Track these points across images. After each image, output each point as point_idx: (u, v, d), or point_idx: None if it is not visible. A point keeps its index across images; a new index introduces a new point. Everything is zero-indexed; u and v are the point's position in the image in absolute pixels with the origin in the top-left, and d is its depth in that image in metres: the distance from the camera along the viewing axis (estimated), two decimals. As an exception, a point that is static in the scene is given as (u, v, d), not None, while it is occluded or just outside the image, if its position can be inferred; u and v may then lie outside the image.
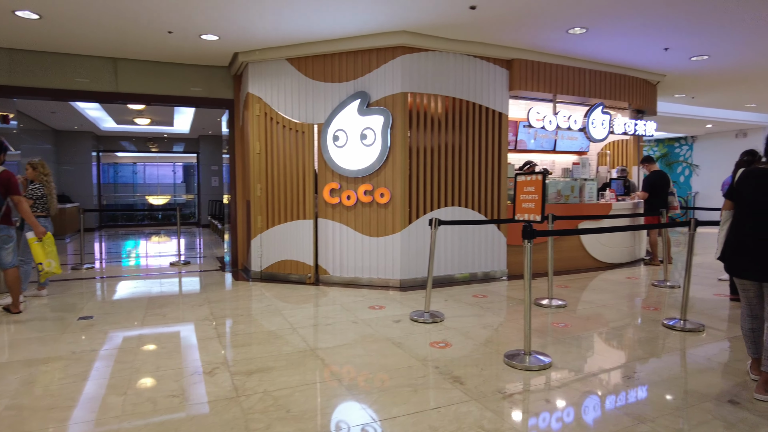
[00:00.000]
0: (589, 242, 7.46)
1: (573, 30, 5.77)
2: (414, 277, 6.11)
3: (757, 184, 3.02)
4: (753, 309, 3.17)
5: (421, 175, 6.13)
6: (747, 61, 7.27)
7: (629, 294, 5.83)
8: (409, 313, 4.83)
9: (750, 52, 6.79)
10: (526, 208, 4.08)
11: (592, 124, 7.36)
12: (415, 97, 6.04)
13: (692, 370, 3.43)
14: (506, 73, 6.66)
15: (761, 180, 3.01)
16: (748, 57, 7.06)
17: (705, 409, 2.79)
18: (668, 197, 7.63)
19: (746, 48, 6.61)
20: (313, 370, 3.40)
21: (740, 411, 2.77)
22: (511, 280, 6.59)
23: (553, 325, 4.50)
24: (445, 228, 6.24)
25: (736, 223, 3.15)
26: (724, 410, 2.79)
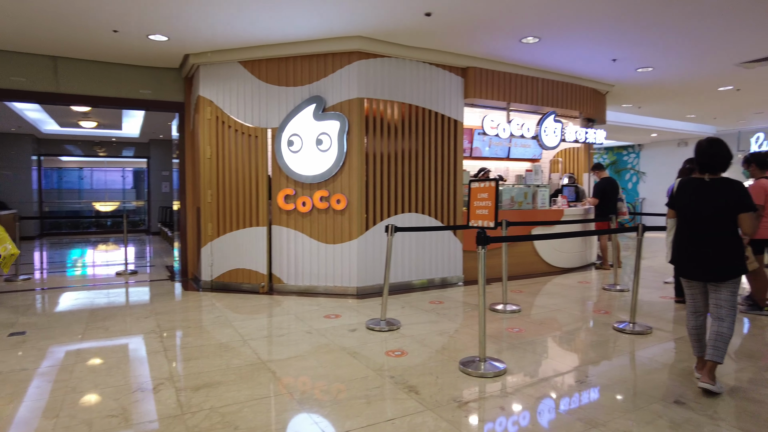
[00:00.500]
0: (542, 247, 7.61)
1: (526, 39, 5.88)
2: (371, 285, 6.05)
3: (692, 194, 3.26)
4: (697, 307, 3.36)
5: (377, 181, 6.09)
6: (688, 74, 7.63)
7: (581, 298, 5.96)
8: (366, 321, 4.76)
9: (691, 65, 7.12)
10: (480, 215, 4.09)
11: (545, 132, 7.53)
12: (371, 102, 6.00)
13: (641, 372, 3.50)
14: (461, 80, 6.72)
15: (695, 189, 3.25)
16: (689, 70, 7.41)
17: (653, 411, 2.85)
18: (617, 203, 7.89)
19: (687, 62, 6.93)
20: (264, 384, 3.27)
21: (686, 411, 2.84)
22: (467, 285, 6.63)
23: (507, 330, 4.53)
24: (402, 234, 6.21)
25: (679, 229, 3.38)
26: (671, 411, 2.85)
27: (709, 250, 3.16)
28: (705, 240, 3.18)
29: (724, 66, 7.18)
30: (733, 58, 6.81)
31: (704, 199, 3.19)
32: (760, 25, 5.48)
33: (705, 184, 3.22)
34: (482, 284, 3.47)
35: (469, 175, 7.33)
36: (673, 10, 5.03)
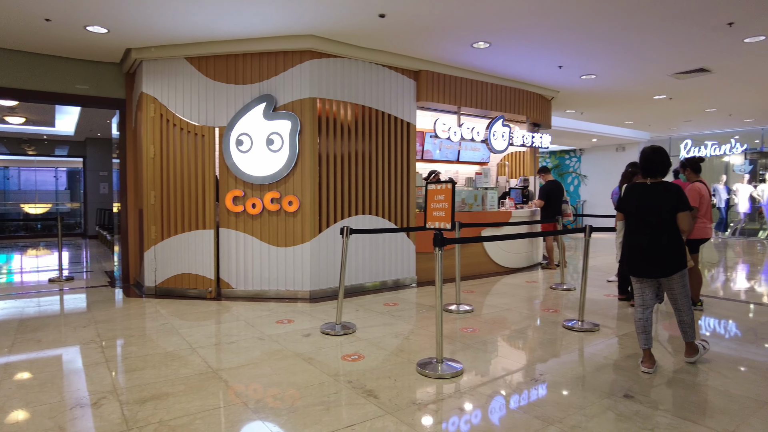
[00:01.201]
0: (492, 248, 7.77)
1: (477, 44, 5.99)
2: (324, 288, 5.95)
3: (637, 197, 3.56)
4: (645, 301, 3.63)
5: (331, 182, 6.00)
6: (627, 82, 8.02)
7: (530, 297, 6.12)
8: (320, 325, 4.67)
9: (630, 74, 7.49)
10: (437, 216, 4.11)
11: (494, 136, 7.70)
12: (324, 103, 5.92)
13: (590, 368, 3.62)
14: (414, 83, 6.76)
15: (640, 194, 3.55)
16: (628, 79, 7.79)
17: (604, 405, 2.94)
18: (562, 205, 8.18)
19: (627, 71, 7.28)
20: (216, 394, 3.12)
21: (634, 404, 2.95)
22: (420, 286, 6.65)
23: (462, 331, 4.57)
24: (355, 237, 6.16)
25: (627, 231, 3.65)
26: (620, 404, 2.95)
27: (657, 249, 3.44)
28: (652, 239, 3.45)
29: (659, 76, 7.60)
30: (667, 70, 7.23)
31: (648, 201, 3.49)
32: (691, 41, 5.83)
33: (648, 188, 3.53)
34: (439, 285, 3.47)
35: (422, 177, 7.38)
36: (615, 23, 5.26)
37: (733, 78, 7.74)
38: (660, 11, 4.96)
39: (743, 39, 5.82)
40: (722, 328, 4.71)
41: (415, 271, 6.81)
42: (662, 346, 4.14)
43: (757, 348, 4.07)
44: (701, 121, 12.26)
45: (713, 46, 6.09)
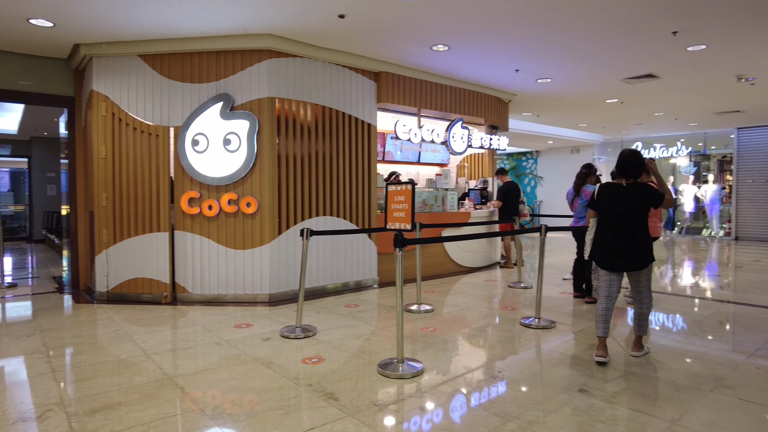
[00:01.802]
0: (451, 248, 7.87)
1: (436, 47, 6.05)
2: (284, 291, 5.88)
3: (612, 196, 3.75)
4: (611, 293, 3.80)
5: (290, 183, 5.94)
6: (581, 86, 8.29)
7: (489, 296, 6.23)
8: (280, 329, 4.60)
9: (584, 78, 7.74)
10: (397, 217, 4.13)
11: (453, 138, 7.80)
12: (283, 102, 5.85)
13: (547, 364, 3.71)
14: (374, 85, 6.77)
15: (614, 193, 3.75)
16: (582, 83, 8.06)
17: (561, 400, 3.02)
18: (519, 206, 8.36)
19: (581, 75, 7.53)
20: (171, 401, 3.03)
21: (589, 398, 3.05)
22: (382, 287, 6.66)
23: (422, 330, 4.60)
24: (316, 238, 6.11)
25: (599, 227, 3.86)
26: (576, 399, 3.04)
27: (629, 244, 3.66)
28: (625, 235, 3.67)
29: (611, 81, 7.90)
30: (618, 75, 7.51)
31: (623, 200, 3.68)
32: (639, 48, 6.08)
33: (623, 188, 3.72)
34: (400, 286, 3.49)
35: (383, 178, 7.40)
36: (568, 30, 5.43)
37: (678, 84, 8.12)
38: (610, 19, 5.15)
39: (686, 47, 6.11)
40: (670, 322, 4.93)
41: (377, 272, 6.82)
42: (615, 341, 4.29)
43: (700, 340, 4.28)
44: (650, 124, 12.81)
45: (660, 53, 6.37)
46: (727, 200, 13.97)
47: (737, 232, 13.23)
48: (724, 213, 13.96)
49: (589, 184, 5.73)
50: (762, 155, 12.83)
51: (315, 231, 4.61)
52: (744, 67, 7.15)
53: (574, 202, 5.87)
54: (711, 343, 4.21)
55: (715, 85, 8.28)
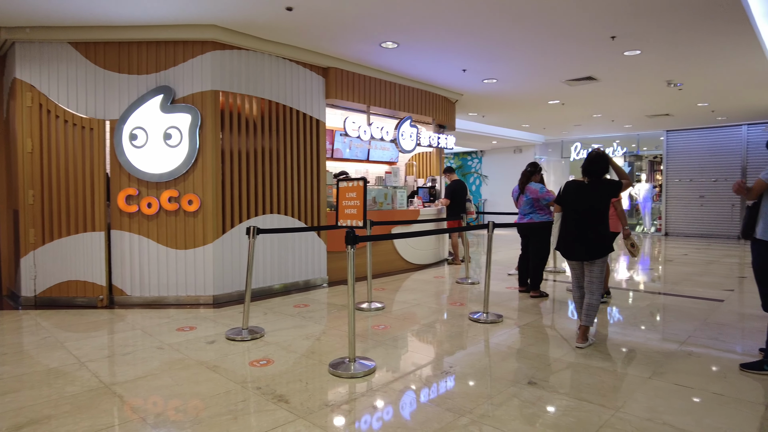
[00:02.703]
0: (401, 245, 7.90)
1: (386, 44, 6.04)
2: (229, 292, 5.69)
3: (577, 193, 4.11)
4: (579, 281, 4.22)
5: (235, 180, 5.75)
6: (524, 87, 8.53)
7: (438, 292, 6.29)
8: (225, 331, 4.44)
9: (527, 80, 7.97)
10: (349, 214, 4.08)
11: (402, 136, 7.83)
12: (227, 96, 5.65)
13: (496, 358, 3.78)
14: (323, 80, 6.68)
15: (578, 189, 4.12)
16: (526, 84, 8.29)
17: (510, 393, 3.08)
18: (466, 204, 8.51)
19: (524, 76, 7.75)
20: (109, 411, 2.84)
21: (537, 390, 3.12)
22: (332, 286, 6.59)
23: (373, 328, 4.58)
24: (263, 237, 5.95)
25: (564, 221, 4.20)
26: (525, 391, 3.10)
27: (590, 235, 4.01)
28: (587, 227, 4.02)
29: (553, 82, 8.18)
30: (560, 76, 7.79)
31: (587, 196, 4.05)
32: (580, 51, 6.33)
33: (586, 186, 4.10)
34: (351, 284, 3.44)
35: (332, 175, 7.31)
36: (512, 33, 5.56)
37: (615, 87, 8.52)
38: (554, 23, 5.32)
39: (623, 52, 6.42)
40: (609, 314, 5.16)
41: (327, 271, 6.73)
42: (558, 333, 4.43)
43: (636, 330, 4.50)
44: (589, 125, 13.40)
45: (599, 56, 6.65)
46: (657, 198, 14.86)
47: (667, 228, 14.09)
48: (655, 210, 14.83)
49: (534, 182, 5.90)
50: (688, 156, 13.72)
51: (262, 229, 4.48)
52: (674, 73, 7.60)
53: (519, 199, 6.04)
54: (647, 333, 4.43)
55: (648, 89, 8.75)
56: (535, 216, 5.89)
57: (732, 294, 6.09)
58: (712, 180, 13.30)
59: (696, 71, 7.47)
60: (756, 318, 4.81)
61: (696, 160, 13.57)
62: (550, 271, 7.67)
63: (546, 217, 5.88)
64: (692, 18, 5.23)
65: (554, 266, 7.88)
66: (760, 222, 3.43)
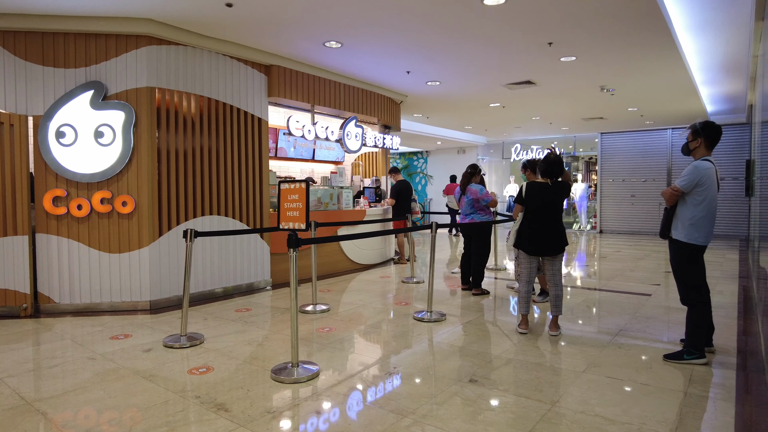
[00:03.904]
0: (347, 246, 7.89)
1: (329, 43, 6.00)
2: (167, 297, 5.48)
3: (539, 193, 4.39)
4: (531, 277, 4.50)
5: (173, 181, 5.55)
6: (467, 90, 8.73)
7: (383, 292, 6.33)
8: (163, 338, 4.28)
9: (469, 83, 8.16)
10: (291, 217, 4.02)
11: (347, 136, 7.82)
12: (164, 93, 5.44)
13: (439, 356, 3.85)
14: (265, 78, 6.56)
15: (541, 190, 4.39)
16: (468, 87, 8.49)
17: (452, 392, 3.14)
18: (411, 203, 8.61)
19: (466, 80, 7.93)
20: (32, 431, 2.67)
21: (479, 388, 3.21)
22: (275, 289, 6.49)
23: (318, 331, 4.55)
24: (203, 239, 5.78)
25: (526, 220, 4.46)
26: (467, 389, 3.18)
27: (553, 232, 4.36)
28: (550, 225, 4.36)
29: (494, 86, 8.41)
30: (500, 80, 8.03)
31: (549, 197, 4.37)
32: (519, 56, 6.54)
33: (548, 187, 4.41)
34: (294, 287, 3.40)
35: (275, 175, 7.19)
36: (456, 35, 5.67)
37: (552, 91, 8.88)
38: (494, 28, 5.47)
39: (560, 58, 6.70)
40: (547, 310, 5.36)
41: (270, 273, 6.62)
42: (500, 330, 4.57)
43: (573, 325, 4.72)
44: (529, 127, 13.89)
45: (537, 62, 6.91)
46: (593, 197, 15.62)
47: (602, 225, 14.84)
48: (591, 209, 15.58)
49: (474, 183, 6.04)
50: (620, 158, 14.52)
51: (200, 232, 4.35)
52: (606, 79, 8.01)
53: (460, 200, 6.17)
54: (582, 327, 4.65)
55: (583, 94, 9.18)
56: (476, 216, 6.04)
57: (658, 288, 6.49)
58: (642, 180, 14.14)
59: (626, 78, 7.91)
60: (678, 311, 5.15)
61: (628, 162, 14.37)
62: (491, 269, 7.90)
63: (486, 217, 6.05)
64: (621, 28, 5.53)
65: (495, 264, 8.11)
66: (678, 223, 3.68)
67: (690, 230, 3.59)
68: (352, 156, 9.61)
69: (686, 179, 3.58)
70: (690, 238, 3.60)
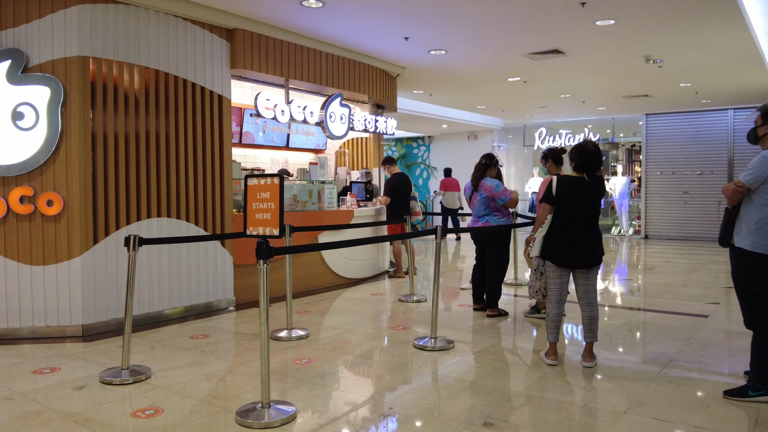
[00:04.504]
0: (331, 256, 7.89)
1: (308, 2, 6.02)
2: (104, 320, 5.47)
3: (575, 190, 4.36)
4: (562, 295, 4.47)
5: (111, 174, 5.53)
6: (480, 61, 8.78)
7: (376, 313, 6.35)
8: (99, 373, 4.26)
9: (483, 52, 8.20)
10: (261, 220, 4.02)
11: (331, 117, 7.83)
12: (100, 64, 5.43)
13: (446, 394, 3.86)
14: (227, 45, 6.56)
15: (577, 187, 4.38)
16: (481, 57, 8.53)
17: (462, 439, 3.16)
18: (411, 202, 8.63)
19: (480, 48, 7.97)
20: (-68, 488, 2.65)
21: (494, 433, 3.23)
22: (240, 310, 6.50)
23: (294, 363, 4.56)
24: (150, 248, 5.76)
25: (559, 223, 4.41)
26: (479, 436, 3.20)
27: (589, 238, 4.35)
28: (587, 230, 4.36)
29: (513, 56, 8.47)
30: (521, 49, 8.08)
31: (586, 194, 4.36)
32: (545, 18, 6.59)
33: (585, 182, 4.39)
34: (264, 308, 3.41)
35: (240, 167, 7.19)
36: (466, -12, 5.72)
37: (585, 62, 8.94)
38: (513, -18, 5.51)
39: (595, 21, 6.75)
40: (579, 333, 5.40)
41: (234, 291, 6.63)
42: (521, 361, 4.59)
43: (612, 353, 4.75)
44: (556, 107, 13.98)
45: (567, 26, 6.96)
46: (636, 194, 15.73)
47: (647, 229, 14.95)
48: (633, 209, 15.70)
49: (489, 177, 6.07)
50: (669, 145, 14.63)
51: (146, 239, 4.36)
52: (652, 48, 8.07)
53: (472, 198, 6.19)
54: (624, 357, 4.69)
55: (624, 66, 9.25)
56: (491, 218, 6.06)
57: (717, 307, 6.55)
58: (696, 173, 14.25)
59: (677, 46, 7.98)
60: (742, 335, 5.19)
61: (679, 150, 14.49)
62: (510, 284, 7.94)
63: (504, 220, 6.08)
64: (671, -16, 5.59)
65: (515, 278, 8.15)
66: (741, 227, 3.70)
67: (757, 236, 3.63)
68: (337, 143, 9.62)
69: (753, 173, 3.61)
70: (756, 246, 3.63)
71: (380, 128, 8.89)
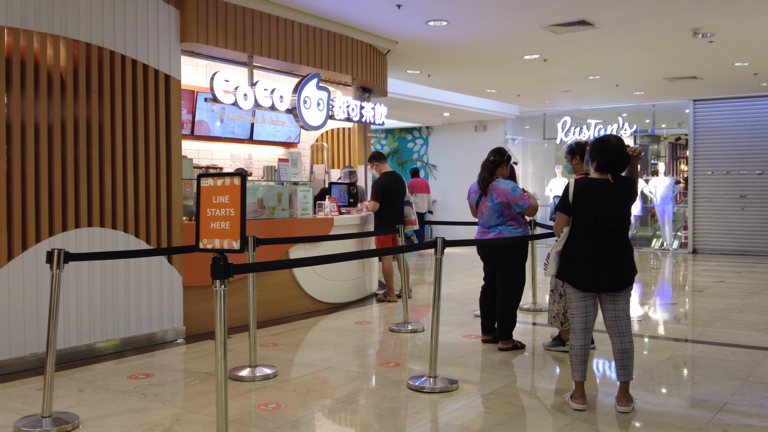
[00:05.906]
0: (305, 275, 7.87)
1: (276, -40, 6.05)
2: (20, 356, 5.44)
3: (597, 196, 4.31)
4: (589, 323, 4.41)
5: (30, 173, 5.52)
6: (490, 34, 8.82)
7: (361, 346, 6.35)
8: (14, 422, 4.23)
9: (494, 23, 8.25)
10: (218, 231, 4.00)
11: (305, 103, 7.83)
12: (17, 36, 5.42)
13: (448, 448, 3.86)
14: (176, 13, 6.57)
15: (601, 192, 4.31)
16: (492, 29, 8.57)
17: (468, 503, 3.15)
18: (405, 208, 8.62)
19: (490, 18, 8.01)
20: None
21: (508, 496, 3.22)
22: (191, 342, 6.48)
23: (258, 408, 4.54)
24: (79, 265, 5.73)
25: (579, 237, 4.37)
26: (489, 499, 3.19)
27: (619, 256, 4.29)
28: (614, 246, 4.30)
29: (531, 28, 8.51)
30: (540, 19, 8.12)
31: (611, 201, 4.30)
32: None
33: (610, 186, 4.30)
34: (222, 340, 3.39)
35: (192, 164, 7.17)
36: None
37: (620, 36, 9.00)
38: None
39: (630, -15, 6.82)
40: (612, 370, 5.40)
41: (183, 319, 6.61)
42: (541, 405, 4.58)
43: (653, 395, 4.75)
44: (583, 92, 14.05)
45: (595, -10, 7.02)
46: (681, 199, 15.74)
47: (695, 242, 14.99)
48: (679, 216, 15.72)
49: (501, 178, 6.06)
50: (722, 138, 14.71)
51: (74, 254, 4.33)
52: (701, 19, 8.13)
53: (479, 203, 6.17)
54: (668, 399, 4.69)
55: (667, 41, 9.32)
56: (505, 228, 6.06)
57: (782, 338, 6.59)
58: (756, 173, 14.31)
59: (731, 17, 8.05)
60: (814, 372, 5.23)
61: (734, 145, 14.56)
62: (527, 310, 7.94)
63: (521, 230, 6.08)
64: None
65: (533, 302, 8.16)
66: None
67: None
68: (313, 135, 9.63)
69: None
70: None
71: (367, 117, 8.90)
